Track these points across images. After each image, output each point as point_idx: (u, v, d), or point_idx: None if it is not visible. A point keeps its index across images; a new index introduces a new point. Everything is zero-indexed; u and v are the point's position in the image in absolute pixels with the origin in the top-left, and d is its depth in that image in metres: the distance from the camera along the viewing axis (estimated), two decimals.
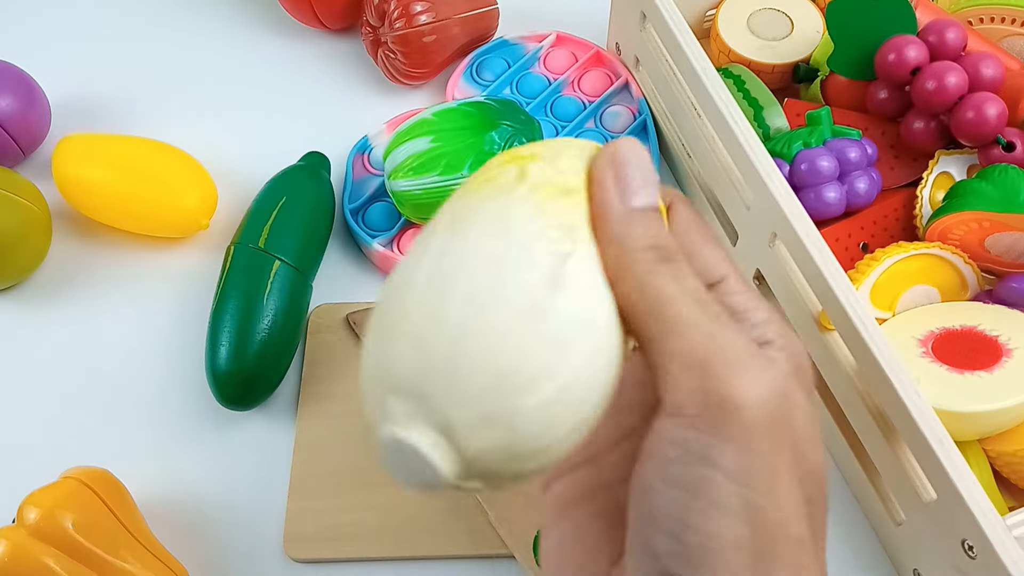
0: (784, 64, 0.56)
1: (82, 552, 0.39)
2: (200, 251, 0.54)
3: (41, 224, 0.51)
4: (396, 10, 0.56)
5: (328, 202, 0.53)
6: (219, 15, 0.65)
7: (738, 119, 0.45)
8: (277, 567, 0.45)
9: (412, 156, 0.49)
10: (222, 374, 0.46)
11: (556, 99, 0.59)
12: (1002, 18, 0.55)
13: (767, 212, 0.44)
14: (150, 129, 0.57)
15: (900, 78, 0.50)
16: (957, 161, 0.51)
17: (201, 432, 0.48)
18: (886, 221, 0.51)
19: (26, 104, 0.55)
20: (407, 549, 0.44)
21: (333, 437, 0.47)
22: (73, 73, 0.62)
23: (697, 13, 0.59)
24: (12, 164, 0.56)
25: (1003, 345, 0.43)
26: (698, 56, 0.47)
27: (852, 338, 0.39)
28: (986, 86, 0.49)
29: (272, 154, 0.55)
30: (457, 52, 0.60)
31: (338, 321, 0.51)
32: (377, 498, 0.45)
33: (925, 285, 0.47)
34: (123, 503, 0.42)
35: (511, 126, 0.50)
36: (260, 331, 0.46)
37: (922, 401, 0.36)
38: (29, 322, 0.52)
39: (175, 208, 0.52)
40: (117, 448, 0.48)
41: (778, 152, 0.49)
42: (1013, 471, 0.43)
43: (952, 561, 0.37)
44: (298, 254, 0.49)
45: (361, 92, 0.61)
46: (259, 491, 0.46)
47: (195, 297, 0.52)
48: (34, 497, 0.40)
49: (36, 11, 0.65)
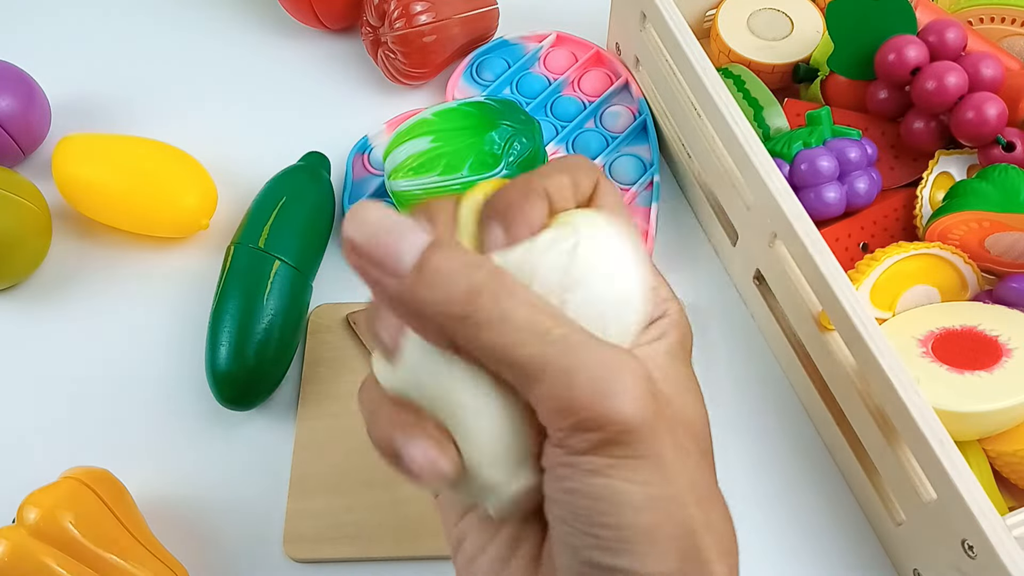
0: (784, 64, 0.56)
1: (82, 552, 0.39)
2: (200, 251, 0.54)
3: (41, 224, 0.51)
4: (396, 10, 0.56)
5: (328, 202, 0.53)
6: (219, 15, 0.65)
7: (738, 119, 0.45)
8: (277, 567, 0.45)
9: (412, 156, 0.49)
10: (222, 374, 0.46)
11: (556, 99, 0.59)
12: (1002, 18, 0.55)
13: (767, 212, 0.44)
14: (150, 129, 0.57)
15: (900, 78, 0.50)
16: (957, 161, 0.51)
17: (201, 432, 0.48)
18: (886, 221, 0.51)
19: (26, 104, 0.55)
20: (407, 549, 0.44)
21: (333, 437, 0.47)
22: (73, 73, 0.62)
23: (697, 13, 0.59)
24: (12, 164, 0.56)
25: (1003, 345, 0.43)
26: (698, 56, 0.47)
27: (852, 338, 0.39)
28: (986, 86, 0.49)
29: (272, 154, 0.55)
30: (457, 52, 0.60)
31: (338, 321, 0.51)
32: (377, 498, 0.45)
33: (925, 285, 0.47)
34: (123, 503, 0.42)
35: (511, 126, 0.50)
36: (260, 331, 0.46)
37: (922, 401, 0.36)
38: (29, 322, 0.52)
39: (175, 208, 0.52)
40: (117, 448, 0.48)
41: (778, 152, 0.49)
42: (1013, 471, 0.43)
43: (952, 561, 0.37)
44: (298, 254, 0.49)
45: (361, 92, 0.61)
46: (259, 491, 0.46)
47: (195, 297, 0.52)
48: (34, 497, 0.40)
49: (36, 11, 0.65)
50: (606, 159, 0.56)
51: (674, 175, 0.57)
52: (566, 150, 0.56)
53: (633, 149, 0.57)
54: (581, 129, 0.57)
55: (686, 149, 0.54)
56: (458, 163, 0.49)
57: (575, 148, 0.57)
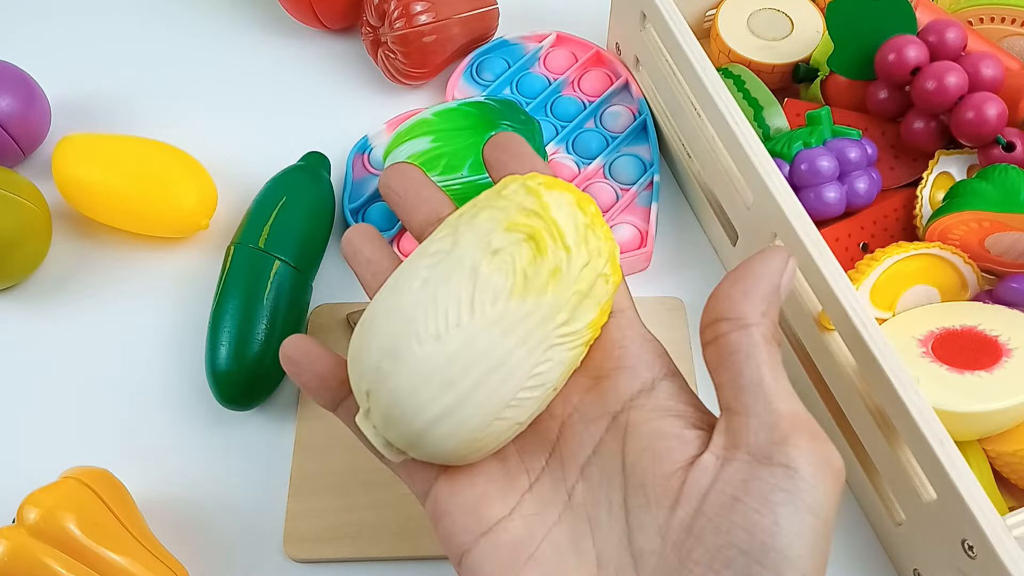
0: (784, 64, 0.56)
1: (82, 552, 0.39)
2: (200, 251, 0.54)
3: (41, 224, 0.51)
4: (396, 10, 0.56)
5: (328, 202, 0.53)
6: (219, 15, 0.65)
7: (738, 119, 0.45)
8: (277, 567, 0.45)
9: (412, 156, 0.49)
10: (222, 374, 0.46)
11: (556, 99, 0.59)
12: (1002, 18, 0.55)
13: (767, 212, 0.44)
14: (150, 129, 0.57)
15: (900, 78, 0.50)
16: (957, 161, 0.51)
17: (201, 432, 0.48)
18: (886, 221, 0.51)
19: (26, 104, 0.55)
20: (407, 549, 0.44)
21: (333, 437, 0.47)
22: (73, 73, 0.62)
23: (697, 13, 0.59)
24: (12, 164, 0.56)
25: (1003, 345, 0.43)
26: (698, 56, 0.47)
27: (852, 338, 0.39)
28: (986, 86, 0.49)
29: (272, 154, 0.55)
30: (457, 52, 0.60)
31: (338, 321, 0.51)
32: (377, 498, 0.45)
33: (925, 285, 0.47)
34: (123, 503, 0.42)
35: (511, 126, 0.50)
36: (260, 331, 0.46)
37: (922, 401, 0.36)
38: (29, 322, 0.52)
39: (175, 208, 0.52)
40: (117, 448, 0.48)
41: (778, 152, 0.49)
42: (1013, 471, 0.43)
43: (952, 561, 0.37)
44: (298, 254, 0.49)
45: (361, 92, 0.61)
46: (259, 491, 0.46)
47: (195, 297, 0.52)
48: (34, 497, 0.40)
49: (36, 11, 0.65)
50: (606, 159, 0.56)
51: (674, 175, 0.57)
52: (566, 150, 0.57)
53: (633, 149, 0.57)
54: (581, 129, 0.57)
55: (686, 149, 0.54)
56: (458, 163, 0.49)
57: (575, 148, 0.57)
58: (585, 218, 0.31)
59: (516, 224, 0.30)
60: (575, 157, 0.56)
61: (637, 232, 0.53)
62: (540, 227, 0.30)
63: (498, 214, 0.31)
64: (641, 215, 0.54)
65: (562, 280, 0.30)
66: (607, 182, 0.55)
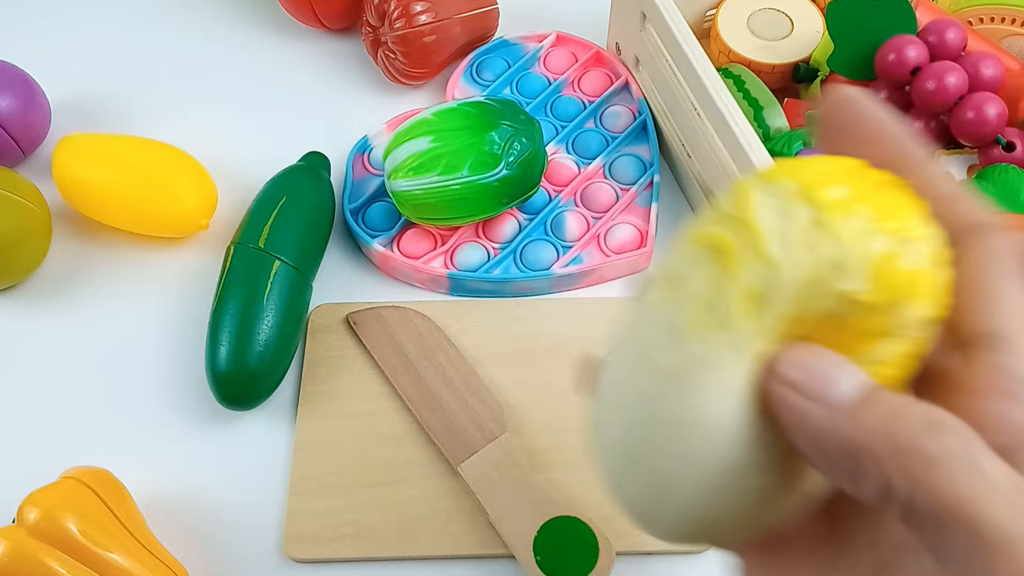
0: (784, 64, 0.56)
1: (82, 552, 0.39)
2: (200, 251, 0.54)
3: (41, 224, 0.51)
4: (396, 10, 0.56)
5: (328, 202, 0.53)
6: (219, 15, 0.65)
7: (738, 119, 0.45)
8: (277, 567, 0.45)
9: (412, 156, 0.49)
10: (222, 374, 0.46)
11: (556, 99, 0.59)
12: (1002, 18, 0.55)
13: None
14: (150, 129, 0.57)
15: (900, 78, 0.50)
16: (957, 161, 0.51)
17: (201, 432, 0.48)
18: None
19: (26, 104, 0.55)
20: (407, 549, 0.44)
21: (333, 437, 0.47)
22: (73, 73, 0.62)
23: (697, 13, 0.59)
24: (12, 164, 0.56)
25: None
26: (698, 56, 0.47)
27: None
28: (986, 86, 0.49)
29: (272, 154, 0.55)
30: (457, 52, 0.60)
31: (338, 321, 0.51)
32: (377, 498, 0.45)
33: None
34: (123, 503, 0.43)
35: (511, 126, 0.50)
36: (260, 331, 0.46)
37: None
38: (29, 322, 0.52)
39: (175, 208, 0.52)
40: (117, 448, 0.48)
41: (778, 152, 0.49)
42: None
43: None
44: (298, 254, 0.49)
45: (361, 92, 0.61)
46: (259, 491, 0.46)
47: (195, 297, 0.52)
48: (34, 497, 0.40)
49: (36, 11, 0.65)
50: (606, 159, 0.56)
51: (674, 175, 0.57)
52: (566, 150, 0.57)
53: (633, 149, 0.57)
54: (581, 129, 0.57)
55: (686, 149, 0.54)
56: (458, 163, 0.49)
57: (575, 148, 0.57)
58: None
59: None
60: (575, 157, 0.56)
61: (637, 232, 0.53)
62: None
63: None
64: (641, 215, 0.54)
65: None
66: (607, 182, 0.55)
